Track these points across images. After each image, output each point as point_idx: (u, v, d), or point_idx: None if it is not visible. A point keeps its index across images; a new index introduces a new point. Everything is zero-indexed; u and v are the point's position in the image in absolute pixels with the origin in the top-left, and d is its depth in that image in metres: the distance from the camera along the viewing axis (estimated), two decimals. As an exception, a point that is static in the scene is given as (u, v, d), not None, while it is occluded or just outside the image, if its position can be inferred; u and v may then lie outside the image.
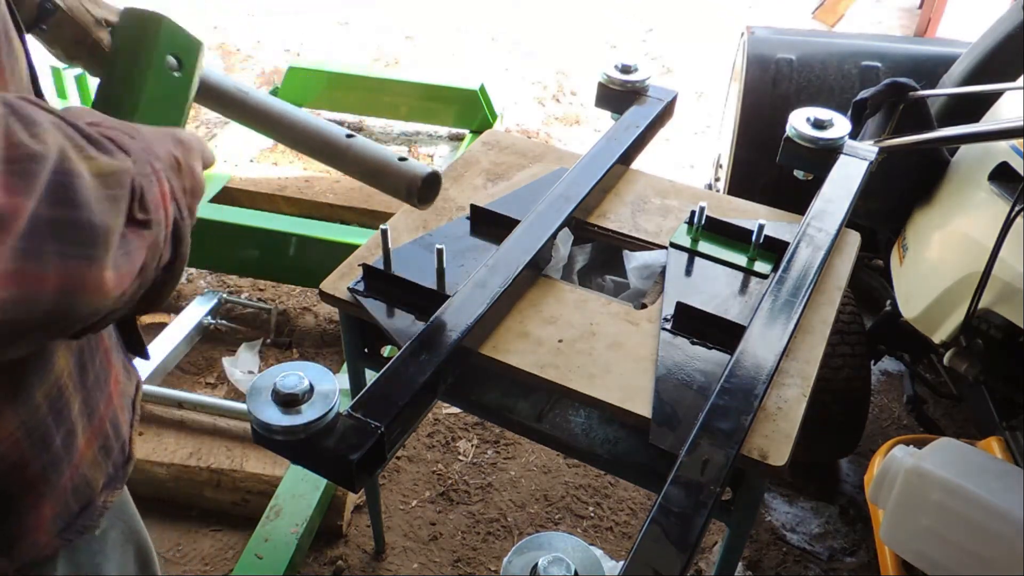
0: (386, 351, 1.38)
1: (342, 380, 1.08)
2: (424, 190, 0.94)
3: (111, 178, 0.51)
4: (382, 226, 1.13)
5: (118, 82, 0.75)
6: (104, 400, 0.75)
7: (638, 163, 1.46)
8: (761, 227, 1.21)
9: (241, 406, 1.88)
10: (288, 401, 0.80)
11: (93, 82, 2.16)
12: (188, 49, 0.82)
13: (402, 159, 0.95)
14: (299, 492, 1.71)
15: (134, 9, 0.79)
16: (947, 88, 1.85)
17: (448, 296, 1.05)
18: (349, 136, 0.96)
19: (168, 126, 0.67)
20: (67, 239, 0.47)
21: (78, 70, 2.09)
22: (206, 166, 0.68)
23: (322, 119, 0.98)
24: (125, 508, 0.88)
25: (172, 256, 0.60)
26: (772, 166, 1.41)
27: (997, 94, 1.71)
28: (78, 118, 0.54)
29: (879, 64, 2.02)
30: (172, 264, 0.61)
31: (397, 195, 0.97)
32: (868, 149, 1.36)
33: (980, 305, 1.44)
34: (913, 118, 1.62)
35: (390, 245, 1.14)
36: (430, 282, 1.12)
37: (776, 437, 0.96)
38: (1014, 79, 1.71)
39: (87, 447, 0.72)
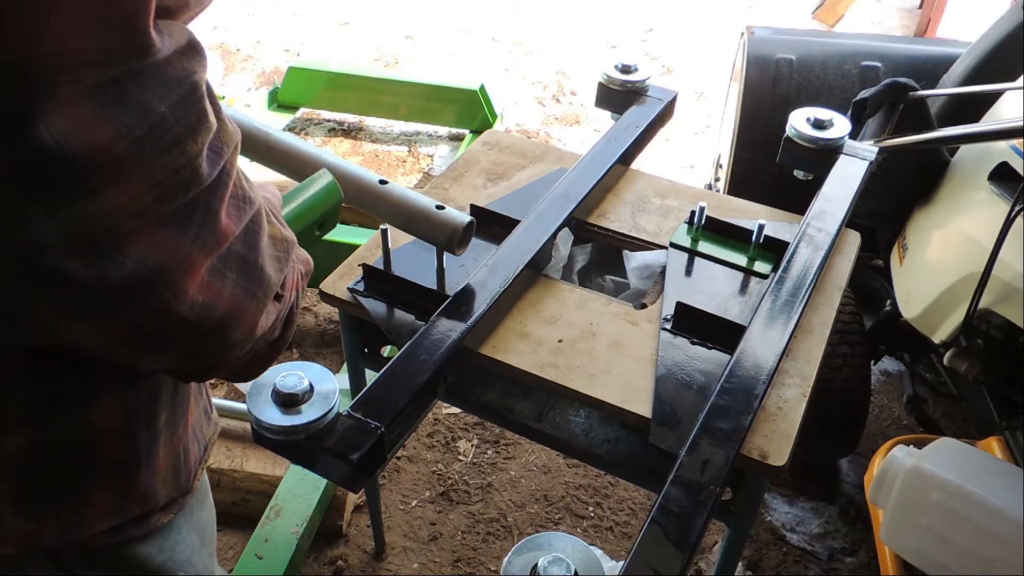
0: (386, 351, 1.38)
1: (342, 380, 1.08)
2: (463, 238, 1.00)
3: (280, 243, 0.62)
4: (382, 226, 1.13)
5: None
6: (183, 424, 0.76)
7: (638, 163, 1.46)
8: (761, 227, 1.21)
9: (241, 406, 1.88)
10: (288, 401, 0.80)
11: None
12: (334, 222, 0.92)
13: (439, 207, 1.00)
14: (299, 492, 1.71)
15: (329, 176, 0.88)
16: (947, 88, 1.85)
17: (448, 296, 1.05)
18: (383, 182, 1.00)
19: None
20: (243, 274, 0.56)
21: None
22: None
23: (353, 164, 1.00)
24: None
25: (279, 335, 0.66)
26: (772, 166, 1.40)
27: (997, 94, 1.71)
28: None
29: (879, 64, 2.02)
30: (276, 343, 0.67)
31: (435, 242, 1.03)
32: (868, 149, 1.36)
33: (980, 305, 1.44)
34: (913, 118, 1.62)
35: (390, 245, 1.14)
36: (430, 282, 1.12)
37: (776, 437, 0.96)
38: (1014, 79, 1.71)
39: (164, 461, 0.74)
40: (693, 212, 1.26)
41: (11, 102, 0.39)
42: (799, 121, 1.33)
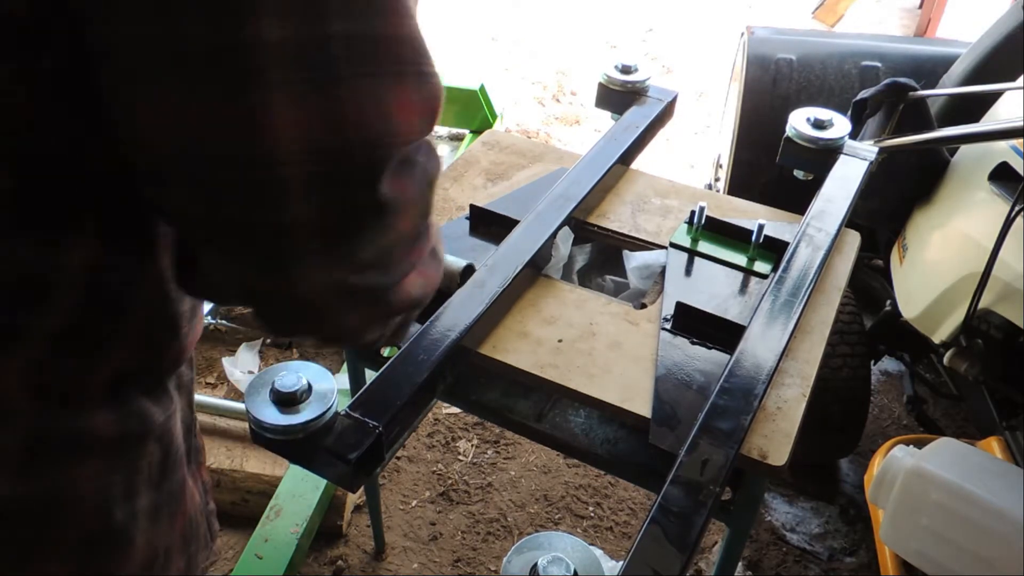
0: (386, 351, 1.38)
1: (342, 380, 1.08)
2: (461, 282, 1.02)
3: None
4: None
5: None
6: (167, 518, 0.67)
7: (638, 163, 1.46)
8: (761, 227, 1.21)
9: (241, 406, 1.88)
10: (286, 400, 0.80)
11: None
12: None
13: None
14: (299, 492, 1.71)
15: None
16: (947, 88, 1.85)
17: (447, 296, 1.05)
18: None
19: None
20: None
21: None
22: None
23: None
24: None
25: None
26: (772, 166, 1.40)
27: (997, 94, 1.71)
28: None
29: (879, 64, 2.02)
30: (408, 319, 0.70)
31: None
32: (868, 149, 1.36)
33: (980, 305, 1.44)
34: (913, 118, 1.62)
35: (390, 245, 1.14)
36: (429, 282, 1.11)
37: (776, 437, 0.96)
38: (1014, 79, 1.71)
39: (140, 553, 0.64)
40: (693, 212, 1.26)
41: (367, 165, 0.51)
42: (799, 121, 1.33)
